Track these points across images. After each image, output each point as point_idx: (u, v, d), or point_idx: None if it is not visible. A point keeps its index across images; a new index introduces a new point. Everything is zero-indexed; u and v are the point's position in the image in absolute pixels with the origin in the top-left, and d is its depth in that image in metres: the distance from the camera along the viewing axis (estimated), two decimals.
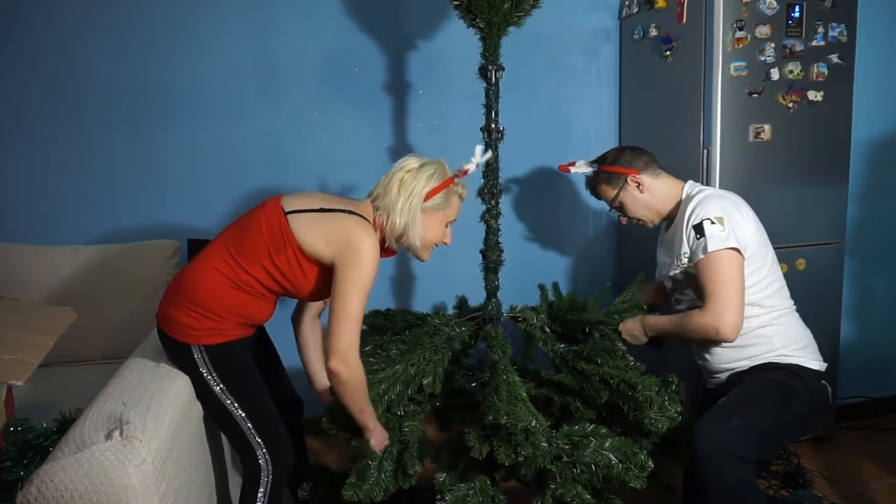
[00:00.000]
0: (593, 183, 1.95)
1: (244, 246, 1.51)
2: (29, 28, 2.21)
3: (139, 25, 2.27)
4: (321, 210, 1.52)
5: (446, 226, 1.65)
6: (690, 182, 1.86)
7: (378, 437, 1.59)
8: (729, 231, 1.67)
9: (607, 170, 1.88)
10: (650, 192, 1.84)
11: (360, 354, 1.50)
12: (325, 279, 1.54)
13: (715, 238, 1.67)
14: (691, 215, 1.73)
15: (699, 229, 1.69)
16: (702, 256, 1.69)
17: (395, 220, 1.54)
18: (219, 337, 1.55)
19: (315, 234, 1.49)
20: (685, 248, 1.75)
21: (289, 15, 2.38)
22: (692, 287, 1.79)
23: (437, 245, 1.67)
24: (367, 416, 1.55)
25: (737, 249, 1.67)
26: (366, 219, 1.54)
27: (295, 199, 1.56)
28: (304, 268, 1.52)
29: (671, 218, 1.85)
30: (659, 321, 1.79)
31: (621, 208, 1.90)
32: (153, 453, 1.21)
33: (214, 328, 1.54)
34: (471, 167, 1.64)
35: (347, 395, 1.51)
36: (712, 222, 1.68)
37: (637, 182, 1.84)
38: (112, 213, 2.33)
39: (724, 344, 1.77)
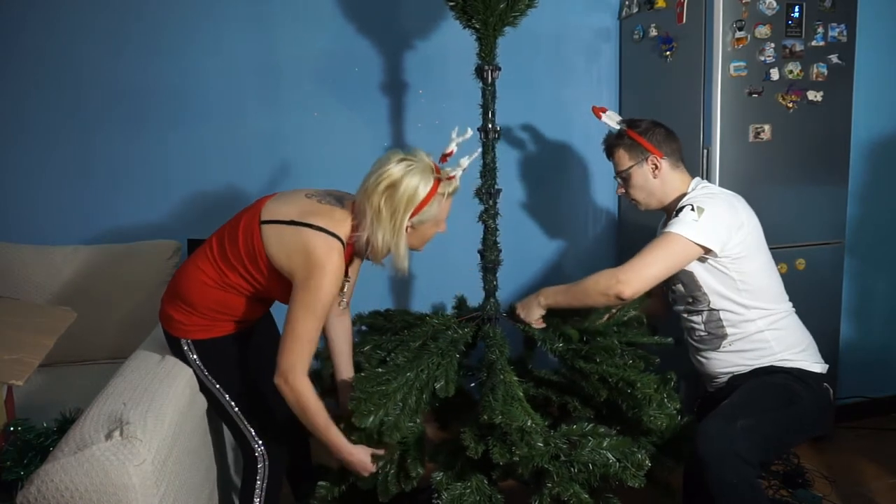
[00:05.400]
0: (613, 143, 1.87)
1: (225, 251, 1.52)
2: (29, 28, 2.21)
3: (139, 25, 2.27)
4: (291, 223, 1.46)
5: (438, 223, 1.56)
6: (698, 179, 1.84)
7: (356, 461, 1.52)
8: (701, 224, 1.65)
9: (634, 138, 1.81)
10: (661, 180, 1.81)
11: (307, 376, 1.44)
12: None
13: (683, 222, 1.67)
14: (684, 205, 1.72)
15: (679, 211, 1.70)
16: (662, 230, 1.69)
17: (376, 244, 1.47)
18: (207, 332, 1.58)
19: (279, 248, 1.45)
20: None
21: (289, 15, 2.38)
22: (681, 282, 1.79)
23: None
24: (330, 439, 1.49)
25: (696, 244, 1.66)
26: (336, 236, 1.45)
27: (276, 203, 1.52)
28: (279, 278, 1.49)
29: (670, 211, 1.83)
30: (556, 288, 1.75)
31: (627, 180, 1.85)
32: (153, 453, 1.21)
33: (202, 324, 1.57)
34: (457, 173, 1.51)
35: (297, 415, 1.48)
36: (692, 209, 1.67)
37: (656, 165, 1.80)
38: (112, 213, 2.33)
39: (722, 348, 1.77)
